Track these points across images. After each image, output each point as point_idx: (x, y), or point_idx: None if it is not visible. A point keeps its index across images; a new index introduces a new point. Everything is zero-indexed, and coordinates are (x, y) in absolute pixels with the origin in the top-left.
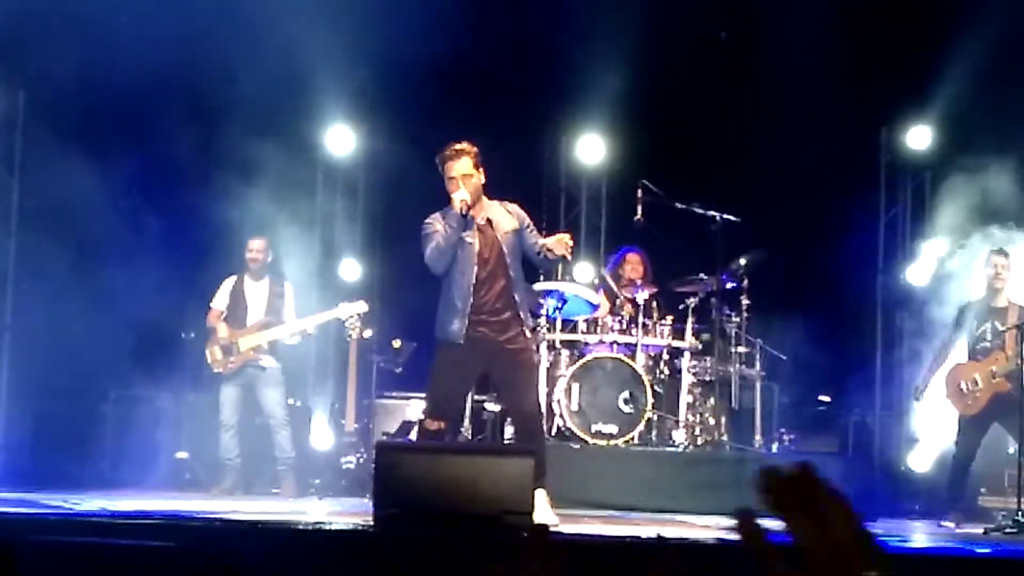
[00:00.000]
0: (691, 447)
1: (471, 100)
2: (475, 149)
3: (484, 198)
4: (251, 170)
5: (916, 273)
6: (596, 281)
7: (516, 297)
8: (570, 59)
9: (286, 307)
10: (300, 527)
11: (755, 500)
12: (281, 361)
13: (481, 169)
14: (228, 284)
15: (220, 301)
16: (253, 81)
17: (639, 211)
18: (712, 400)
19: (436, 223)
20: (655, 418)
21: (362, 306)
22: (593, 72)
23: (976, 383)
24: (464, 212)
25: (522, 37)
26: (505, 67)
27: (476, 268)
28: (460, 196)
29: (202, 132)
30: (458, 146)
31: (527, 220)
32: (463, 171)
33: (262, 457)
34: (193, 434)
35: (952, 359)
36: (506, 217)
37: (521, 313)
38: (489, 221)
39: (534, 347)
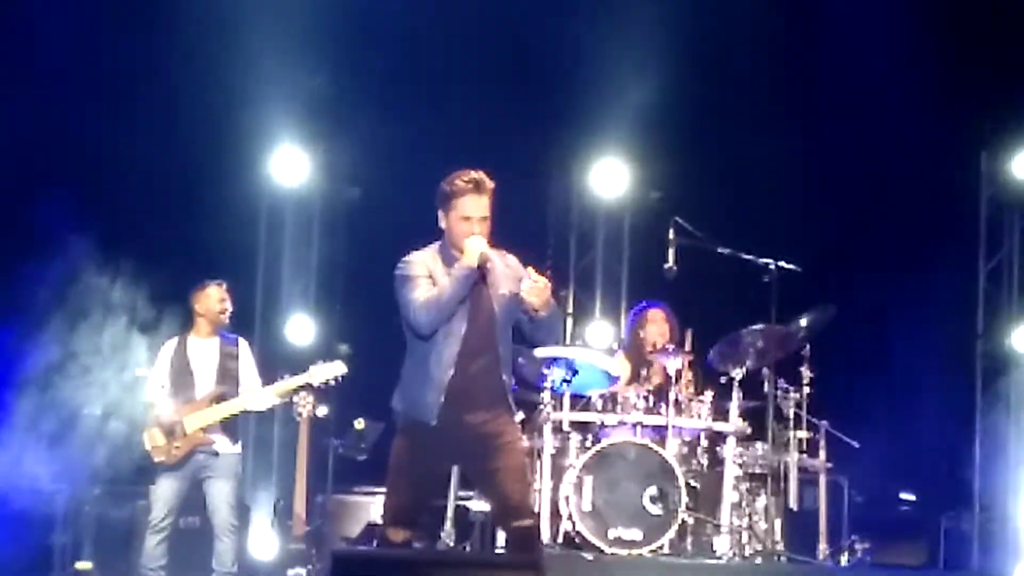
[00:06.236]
0: (737, 558)
1: (455, 114)
2: (494, 185)
3: None
4: (173, 203)
5: None
6: (615, 346)
7: (504, 377)
8: (583, 62)
9: (243, 371)
10: None
11: None
12: (240, 442)
13: None
14: (167, 350)
15: (159, 374)
16: (177, 85)
17: (671, 256)
18: (764, 498)
19: (419, 266)
20: (691, 521)
21: (340, 367)
22: (613, 79)
23: None
24: (485, 267)
25: (520, 33)
26: (500, 71)
27: (465, 334)
28: (479, 246)
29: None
30: (476, 176)
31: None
32: (481, 212)
33: (188, 566)
34: (99, 539)
35: None
36: (504, 274)
37: (507, 396)
38: (484, 277)
39: (521, 435)
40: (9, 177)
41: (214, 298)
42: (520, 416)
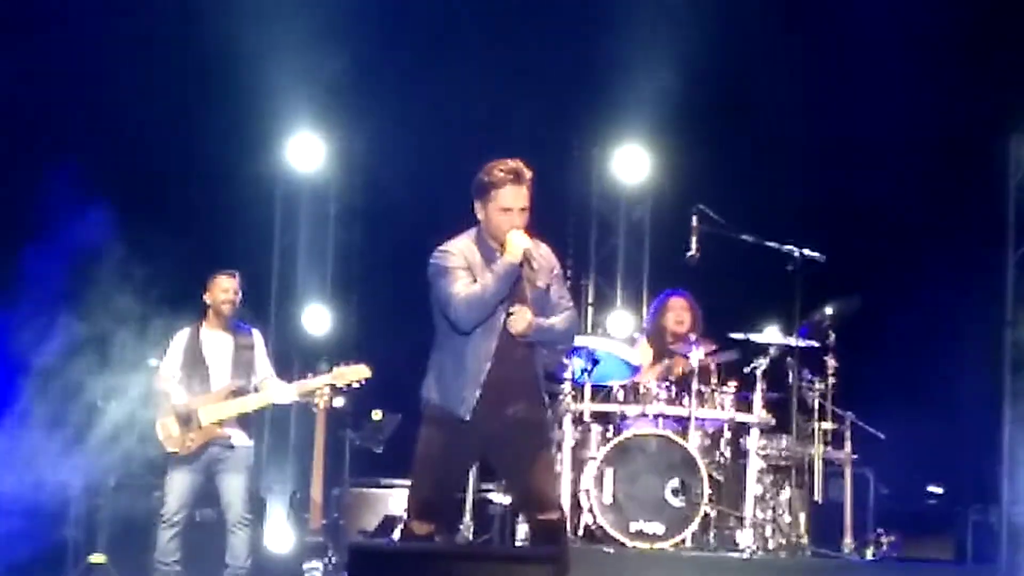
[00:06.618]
0: (761, 552)
1: (474, 99)
2: (531, 174)
3: None
4: (186, 189)
5: None
6: (636, 335)
7: (538, 370)
8: (606, 47)
9: (258, 362)
10: None
11: None
12: (254, 437)
13: None
14: (180, 340)
15: (171, 363)
16: (191, 74)
17: (694, 244)
18: (788, 491)
19: (457, 256)
20: (713, 514)
21: (363, 371)
22: (635, 63)
23: None
24: (530, 263)
25: (540, 17)
26: (519, 56)
27: (502, 328)
28: (524, 242)
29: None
30: (514, 165)
31: (557, 268)
32: (521, 203)
33: (202, 561)
34: (113, 533)
35: None
36: (540, 266)
37: (540, 388)
38: (529, 273)
39: (553, 425)
40: (19, 161)
41: (219, 288)
42: None
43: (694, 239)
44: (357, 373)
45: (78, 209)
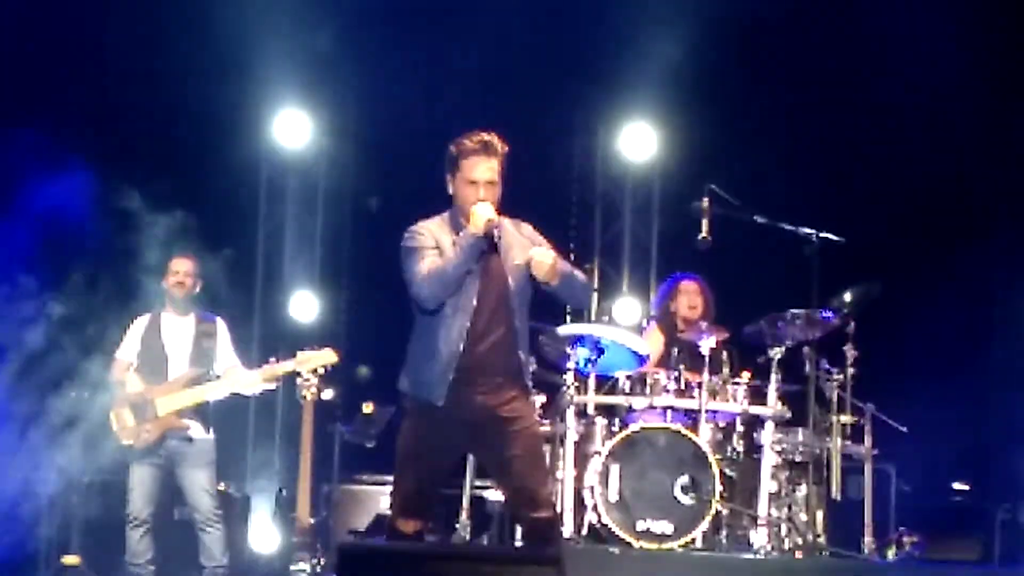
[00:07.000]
0: (775, 553)
1: (471, 72)
2: (506, 149)
3: None
4: (165, 171)
5: None
6: (644, 323)
7: (520, 355)
8: (610, 16)
9: (220, 351)
10: None
11: None
12: (213, 429)
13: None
14: (139, 326)
15: (128, 350)
16: (172, 45)
17: (705, 227)
18: (804, 488)
19: (426, 236)
20: (725, 513)
21: (329, 356)
22: (642, 36)
23: None
24: (493, 236)
25: None
26: (518, 25)
27: (475, 308)
28: (487, 213)
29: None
30: (486, 137)
31: (544, 245)
32: (488, 176)
33: (183, 562)
34: (87, 532)
35: None
36: (519, 243)
37: (524, 376)
38: (496, 247)
39: (538, 419)
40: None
41: (170, 271)
42: (541, 399)
43: (705, 221)
44: (323, 358)
45: (51, 184)
